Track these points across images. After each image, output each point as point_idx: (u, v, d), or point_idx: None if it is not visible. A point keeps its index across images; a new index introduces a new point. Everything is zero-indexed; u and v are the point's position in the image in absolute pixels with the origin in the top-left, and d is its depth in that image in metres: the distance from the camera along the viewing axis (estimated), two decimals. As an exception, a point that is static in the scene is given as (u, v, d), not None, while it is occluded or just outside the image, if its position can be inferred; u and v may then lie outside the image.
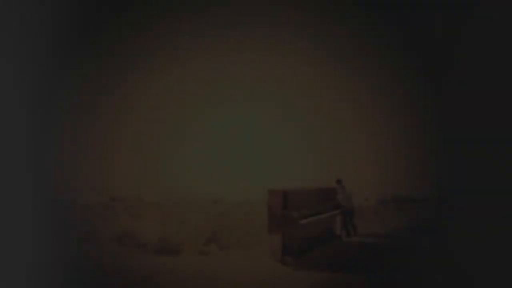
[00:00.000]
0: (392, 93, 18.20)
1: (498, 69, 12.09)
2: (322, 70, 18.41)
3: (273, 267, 5.96)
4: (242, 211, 10.63)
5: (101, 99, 17.38)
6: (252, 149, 18.71)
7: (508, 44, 11.65)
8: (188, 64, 18.37)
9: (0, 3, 10.07)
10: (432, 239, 8.59)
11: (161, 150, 18.33)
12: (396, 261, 6.41)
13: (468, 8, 13.12)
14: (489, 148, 12.52)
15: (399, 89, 18.01)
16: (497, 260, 6.31)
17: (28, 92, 12.28)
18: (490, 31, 12.52)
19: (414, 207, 16.48)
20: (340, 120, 19.17)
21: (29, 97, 12.47)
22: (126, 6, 17.16)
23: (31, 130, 12.71)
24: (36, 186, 11.32)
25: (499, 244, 7.52)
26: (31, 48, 12.04)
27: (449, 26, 14.49)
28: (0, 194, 8.66)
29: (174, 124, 18.92)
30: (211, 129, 18.79)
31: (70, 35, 15.20)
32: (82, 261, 6.36)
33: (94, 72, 17.00)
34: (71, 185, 13.89)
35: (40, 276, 5.53)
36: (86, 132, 16.78)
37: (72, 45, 15.58)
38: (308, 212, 6.85)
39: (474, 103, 13.80)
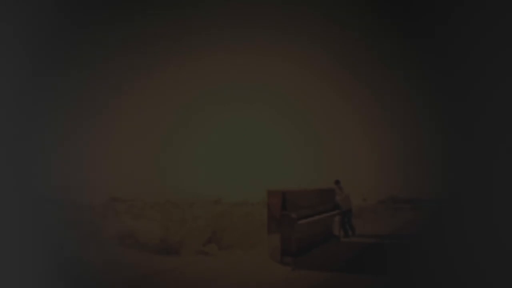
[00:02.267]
0: (392, 94, 18.23)
1: (498, 71, 12.13)
2: (321, 72, 18.46)
3: (272, 267, 6.03)
4: (242, 211, 10.67)
5: (102, 99, 17.44)
6: (252, 150, 18.76)
7: (508, 44, 11.69)
8: (189, 65, 18.42)
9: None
10: (432, 239, 8.65)
11: (161, 151, 18.39)
12: (395, 261, 6.47)
13: (469, 12, 13.17)
14: (488, 148, 12.57)
15: (399, 90, 18.05)
16: (497, 260, 6.37)
17: (29, 92, 12.34)
18: (490, 32, 12.56)
19: (413, 207, 16.54)
20: (339, 121, 19.22)
21: (30, 98, 12.53)
22: (127, 6, 17.21)
23: (32, 130, 12.77)
24: (37, 186, 11.38)
25: (499, 244, 7.58)
26: (31, 48, 12.10)
27: (451, 28, 14.54)
28: (0, 194, 8.71)
29: (175, 125, 18.97)
30: (212, 130, 18.85)
31: (70, 35, 15.26)
32: (83, 261, 6.42)
33: (95, 73, 17.06)
34: (72, 185, 13.95)
35: (41, 276, 5.60)
36: (87, 133, 16.84)
37: (72, 46, 15.64)
38: (307, 212, 6.91)
39: (473, 104, 13.85)
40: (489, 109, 12.70)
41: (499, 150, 11.76)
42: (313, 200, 7.65)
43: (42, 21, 12.46)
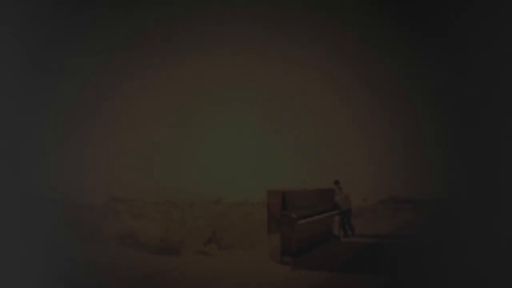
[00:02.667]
0: (392, 94, 18.24)
1: (499, 71, 12.12)
2: (320, 72, 18.46)
3: (272, 267, 6.03)
4: (242, 211, 10.67)
5: (102, 99, 17.44)
6: (252, 150, 18.77)
7: (508, 43, 11.68)
8: (189, 65, 18.42)
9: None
10: (432, 239, 8.65)
11: (161, 151, 18.39)
12: (395, 261, 6.48)
13: (469, 12, 13.17)
14: (488, 148, 12.57)
15: (399, 90, 18.06)
16: (497, 260, 6.37)
17: (29, 92, 12.35)
18: (491, 32, 12.56)
19: (413, 207, 16.55)
20: (339, 121, 19.23)
21: (30, 98, 12.54)
22: (127, 6, 17.21)
23: (32, 130, 12.78)
24: (37, 186, 11.38)
25: (499, 244, 7.59)
26: (31, 48, 12.10)
27: (451, 28, 14.53)
28: (0, 194, 8.71)
29: (175, 125, 18.98)
30: (212, 130, 18.85)
31: (70, 35, 15.26)
32: (83, 261, 6.42)
33: (94, 73, 17.06)
34: (72, 185, 13.94)
35: (41, 276, 5.60)
36: (87, 133, 16.83)
37: (72, 46, 15.64)
38: (307, 212, 6.92)
39: (474, 104, 13.85)
40: (489, 109, 12.70)
41: (499, 150, 11.76)
42: (313, 200, 7.66)
43: (42, 21, 12.47)
